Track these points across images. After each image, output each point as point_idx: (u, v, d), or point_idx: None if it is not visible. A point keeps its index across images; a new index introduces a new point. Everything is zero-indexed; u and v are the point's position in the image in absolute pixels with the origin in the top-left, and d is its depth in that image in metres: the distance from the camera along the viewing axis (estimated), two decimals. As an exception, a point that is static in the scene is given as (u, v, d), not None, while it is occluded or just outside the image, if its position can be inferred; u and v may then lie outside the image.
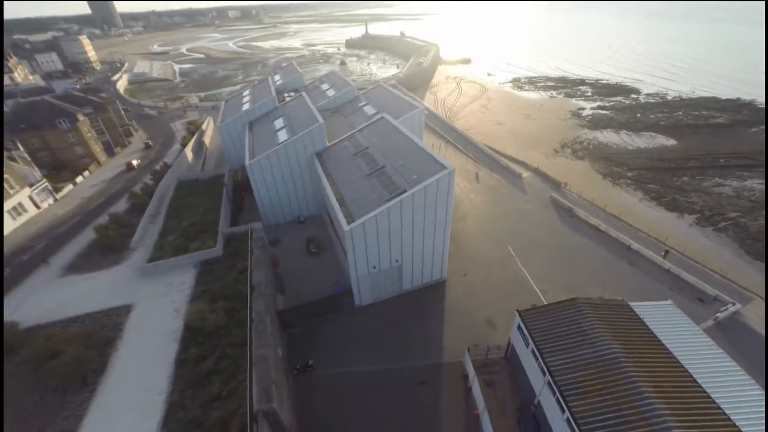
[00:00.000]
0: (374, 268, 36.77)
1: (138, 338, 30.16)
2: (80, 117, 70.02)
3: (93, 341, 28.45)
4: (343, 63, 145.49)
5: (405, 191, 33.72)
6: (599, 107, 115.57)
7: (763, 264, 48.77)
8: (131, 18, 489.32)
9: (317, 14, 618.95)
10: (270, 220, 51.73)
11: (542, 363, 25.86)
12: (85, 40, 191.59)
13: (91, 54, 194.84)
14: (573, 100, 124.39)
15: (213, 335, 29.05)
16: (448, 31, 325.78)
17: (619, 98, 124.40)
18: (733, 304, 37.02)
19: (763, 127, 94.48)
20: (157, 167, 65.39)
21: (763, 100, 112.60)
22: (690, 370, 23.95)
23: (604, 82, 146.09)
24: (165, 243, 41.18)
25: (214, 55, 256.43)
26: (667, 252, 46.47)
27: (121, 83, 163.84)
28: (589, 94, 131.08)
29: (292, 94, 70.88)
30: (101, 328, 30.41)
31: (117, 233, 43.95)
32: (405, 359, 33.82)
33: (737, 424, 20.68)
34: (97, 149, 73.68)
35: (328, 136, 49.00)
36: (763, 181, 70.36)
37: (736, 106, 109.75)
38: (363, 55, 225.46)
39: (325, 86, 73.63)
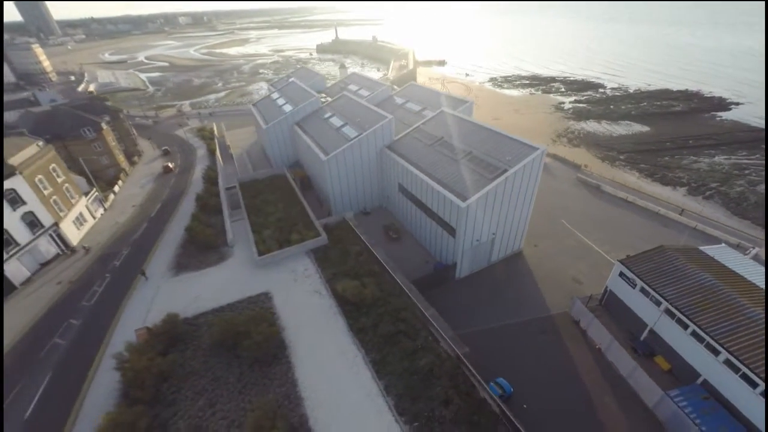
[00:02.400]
0: (477, 241, 41.41)
1: (296, 317, 32.35)
2: (104, 125, 67.46)
3: (266, 322, 30.26)
4: (343, 66, 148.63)
5: (507, 170, 38.75)
6: (576, 101, 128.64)
7: (749, 221, 59.64)
8: (68, 25, 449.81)
9: (273, 20, 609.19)
10: (339, 211, 54.25)
11: (657, 295, 31.99)
12: (38, 49, 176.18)
13: (46, 64, 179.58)
14: (551, 96, 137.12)
15: (374, 305, 32.09)
16: (408, 35, 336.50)
17: (589, 92, 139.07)
18: (753, 247, 46.20)
19: (714, 112, 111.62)
20: (196, 171, 65.14)
21: (706, 90, 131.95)
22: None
23: (571, 79, 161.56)
24: (264, 238, 42.88)
25: (179, 63, 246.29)
26: (682, 210, 55.92)
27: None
28: (563, 90, 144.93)
29: (323, 95, 73.44)
30: (262, 311, 32.13)
31: (210, 232, 44.57)
32: (516, 316, 38.68)
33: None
34: (121, 158, 71.15)
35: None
36: (729, 156, 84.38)
37: (686, 96, 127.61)
38: (338, 59, 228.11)
39: (353, 87, 76.90)
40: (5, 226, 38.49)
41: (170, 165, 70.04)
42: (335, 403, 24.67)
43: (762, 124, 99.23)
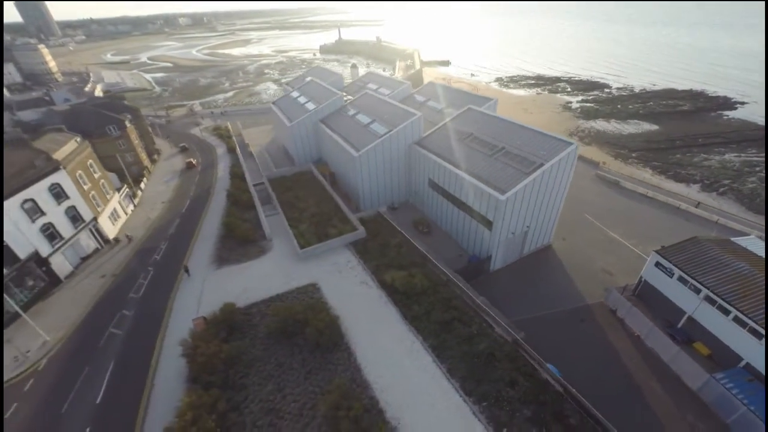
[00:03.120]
0: (512, 233, 42.42)
1: (347, 307, 33.16)
2: (128, 124, 67.98)
3: (323, 311, 31.05)
4: (354, 66, 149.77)
5: (543, 164, 39.79)
6: (583, 100, 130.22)
7: (765, 216, 61.10)
8: (68, 26, 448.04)
9: (273, 21, 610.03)
10: (367, 206, 55.10)
11: (696, 284, 33.08)
12: (44, 50, 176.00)
13: (52, 65, 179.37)
14: (558, 95, 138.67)
15: (423, 295, 32.98)
16: (409, 35, 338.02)
17: (596, 92, 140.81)
18: (776, 239, 47.45)
19: (720, 111, 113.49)
20: (219, 168, 65.89)
21: (710, 89, 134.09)
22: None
23: (576, 79, 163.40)
24: (302, 231, 43.74)
25: (183, 64, 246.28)
26: (698, 203, 57.34)
27: (97, 94, 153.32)
28: (569, 89, 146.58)
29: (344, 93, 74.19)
30: (315, 301, 32.91)
31: (248, 226, 45.30)
32: (554, 306, 39.63)
33: None
34: (144, 156, 71.64)
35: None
36: (739, 154, 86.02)
37: (692, 95, 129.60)
38: (343, 60, 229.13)
39: (372, 85, 77.85)
40: (51, 219, 39.03)
41: (193, 161, 70.85)
42: (402, 386, 25.50)
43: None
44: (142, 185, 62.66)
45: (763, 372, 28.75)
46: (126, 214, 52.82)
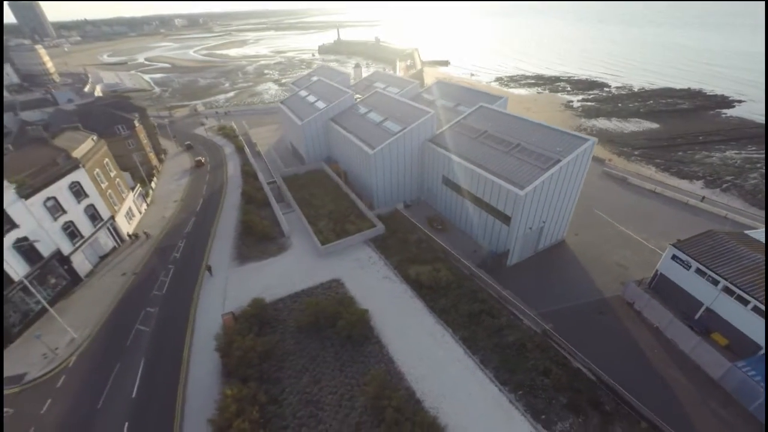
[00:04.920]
0: (529, 228, 43.01)
1: (373, 301, 33.53)
2: (136, 123, 67.81)
3: (352, 305, 31.36)
4: (357, 66, 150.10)
5: (560, 160, 40.43)
6: (584, 99, 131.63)
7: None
8: (62, 27, 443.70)
9: (269, 22, 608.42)
10: (380, 204, 55.43)
11: (714, 275, 33.84)
12: (41, 51, 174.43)
13: (50, 65, 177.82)
14: (558, 95, 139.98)
15: (448, 288, 33.52)
16: (407, 36, 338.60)
17: (595, 91, 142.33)
18: (783, 233, 48.50)
19: (719, 110, 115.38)
20: (228, 167, 65.98)
21: (707, 88, 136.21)
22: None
23: (575, 78, 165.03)
24: (321, 228, 44.07)
25: (181, 64, 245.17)
26: (703, 197, 58.44)
27: (97, 95, 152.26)
28: (569, 89, 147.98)
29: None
30: (340, 296, 33.20)
31: (267, 224, 45.48)
32: (572, 300, 40.14)
33: None
34: (152, 155, 71.44)
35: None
36: (739, 151, 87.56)
37: (690, 94, 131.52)
38: (343, 60, 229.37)
39: (380, 84, 78.25)
40: (72, 218, 38.95)
41: (202, 160, 71.05)
42: (437, 376, 25.90)
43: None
44: (153, 184, 62.50)
45: (783, 359, 29.51)
46: (140, 213, 52.72)
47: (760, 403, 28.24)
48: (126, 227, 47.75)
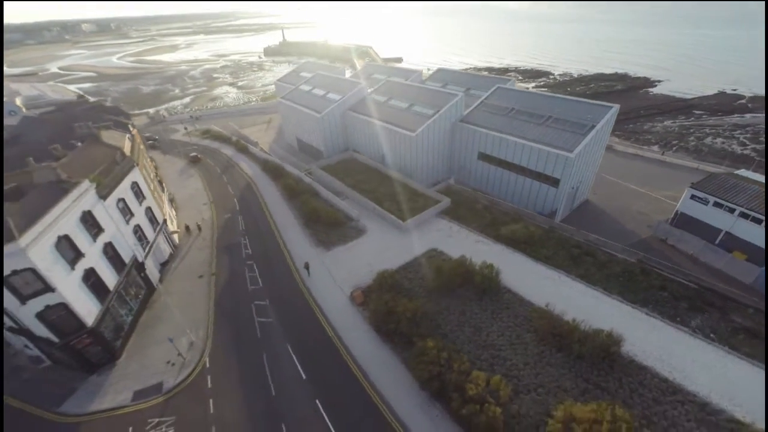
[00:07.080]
0: (572, 188, 48.67)
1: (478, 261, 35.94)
2: (131, 128, 61.80)
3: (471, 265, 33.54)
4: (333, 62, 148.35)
5: (594, 125, 46.57)
6: (537, 86, 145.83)
7: (711, 164, 76.47)
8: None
9: (195, 26, 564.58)
10: (421, 184, 57.63)
11: (731, 205, 42.12)
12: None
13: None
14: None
15: (540, 240, 37.24)
16: (350, 35, 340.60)
17: (543, 78, 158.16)
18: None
19: (646, 89, 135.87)
20: (242, 166, 63.32)
21: (631, 71, 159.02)
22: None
23: (522, 68, 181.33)
24: (390, 208, 45.46)
25: (108, 72, 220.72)
26: (663, 152, 70.30)
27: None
28: (520, 78, 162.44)
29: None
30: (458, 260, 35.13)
31: (332, 210, 45.46)
32: (618, 243, 46.64)
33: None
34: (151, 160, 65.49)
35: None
36: (673, 121, 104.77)
37: (618, 77, 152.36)
38: (293, 61, 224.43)
39: (379, 75, 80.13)
40: (138, 221, 35.60)
41: (198, 156, 71.02)
42: (575, 308, 29.28)
43: (686, 96, 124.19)
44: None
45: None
46: (175, 217, 48.90)
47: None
48: (172, 231, 44.22)
